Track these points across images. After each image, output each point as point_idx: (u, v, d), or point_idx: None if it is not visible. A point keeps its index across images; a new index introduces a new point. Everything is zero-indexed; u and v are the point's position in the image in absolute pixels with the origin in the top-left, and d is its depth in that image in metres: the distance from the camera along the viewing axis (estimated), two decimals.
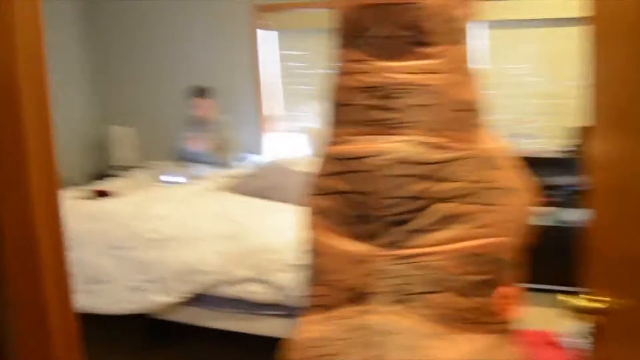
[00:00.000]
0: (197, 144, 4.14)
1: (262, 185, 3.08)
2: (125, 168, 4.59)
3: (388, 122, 1.32)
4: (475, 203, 1.31)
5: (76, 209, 2.78)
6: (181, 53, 4.77)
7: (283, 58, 4.57)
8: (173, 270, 2.50)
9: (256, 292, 2.42)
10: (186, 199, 2.97)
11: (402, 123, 1.31)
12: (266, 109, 4.61)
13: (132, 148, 4.85)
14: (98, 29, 5.01)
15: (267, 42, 4.54)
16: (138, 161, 4.75)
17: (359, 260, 1.34)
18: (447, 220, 1.30)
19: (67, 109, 4.93)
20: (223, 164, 4.09)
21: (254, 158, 4.39)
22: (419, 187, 1.30)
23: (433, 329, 1.29)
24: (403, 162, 1.29)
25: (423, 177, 1.30)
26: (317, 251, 1.45)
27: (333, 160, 1.42)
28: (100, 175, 4.51)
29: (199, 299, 2.52)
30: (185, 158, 4.21)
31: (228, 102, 4.59)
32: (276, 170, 3.34)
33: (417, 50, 1.32)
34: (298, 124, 4.46)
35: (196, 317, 2.54)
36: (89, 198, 3.04)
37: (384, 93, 1.32)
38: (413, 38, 1.32)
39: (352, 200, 1.36)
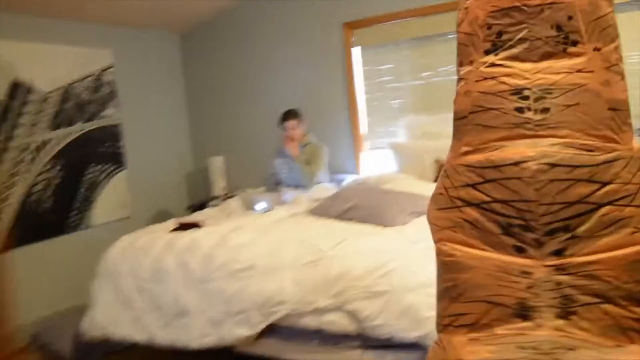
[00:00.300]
0: (288, 168, 4.11)
1: (345, 207, 2.93)
2: (224, 197, 4.68)
3: (538, 124, 1.28)
4: (638, 206, 1.25)
5: (163, 242, 2.81)
6: (274, 78, 4.82)
7: (369, 74, 4.44)
8: (253, 301, 2.42)
9: (337, 322, 2.27)
10: (269, 226, 2.89)
11: (553, 124, 1.28)
12: (361, 128, 4.49)
13: (230, 177, 4.94)
14: (194, 60, 5.22)
15: (356, 59, 4.44)
16: (235, 189, 4.83)
17: (519, 272, 1.28)
18: (611, 225, 1.25)
19: (170, 144, 5.16)
20: (314, 186, 4.02)
21: (351, 178, 4.28)
22: (581, 190, 1.24)
23: (604, 342, 1.24)
24: (560, 165, 1.25)
25: (585, 180, 1.25)
26: (462, 266, 1.37)
27: (470, 169, 1.36)
28: (201, 206, 4.63)
29: (280, 331, 2.41)
30: (276, 183, 4.19)
31: (322, 123, 4.54)
32: (359, 189, 3.19)
33: (566, 49, 1.30)
34: (387, 140, 4.28)
35: (277, 349, 2.42)
36: (178, 230, 3.08)
37: (533, 95, 1.29)
38: (561, 38, 1.30)
39: (499, 211, 1.30)
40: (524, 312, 1.28)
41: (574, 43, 1.30)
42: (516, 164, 1.27)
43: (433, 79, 4.18)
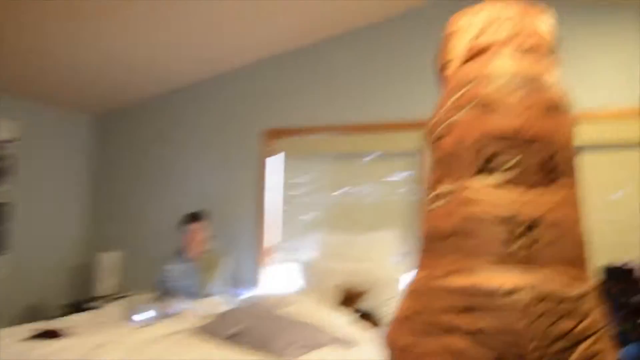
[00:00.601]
0: (181, 273, 3.78)
1: (233, 330, 2.63)
2: (107, 298, 4.22)
3: (525, 257, 1.26)
4: (603, 341, 1.28)
5: (10, 353, 2.36)
6: (185, 177, 4.59)
7: (286, 186, 4.31)
8: None
9: None
10: (142, 345, 2.52)
11: (539, 258, 1.26)
12: (267, 240, 4.27)
13: (123, 276, 4.50)
14: (105, 145, 4.92)
15: (272, 169, 4.32)
16: (123, 290, 4.38)
17: None
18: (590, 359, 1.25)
19: (63, 231, 4.70)
20: (207, 296, 3.69)
21: (249, 292, 3.98)
22: (566, 325, 1.23)
23: None
24: (548, 298, 1.23)
25: (567, 315, 1.24)
26: None
27: (452, 294, 1.29)
28: (79, 306, 4.14)
29: None
30: (167, 290, 3.82)
31: (228, 231, 4.30)
32: (251, 311, 2.91)
33: (550, 184, 1.32)
34: (295, 256, 4.08)
35: None
36: (34, 338, 2.63)
37: (519, 227, 1.28)
38: (546, 172, 1.32)
39: (489, 342, 1.24)
40: None
41: (556, 178, 1.32)
42: (507, 293, 1.23)
43: (348, 197, 4.10)
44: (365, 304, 3.46)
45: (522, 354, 1.23)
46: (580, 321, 1.26)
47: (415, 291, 1.37)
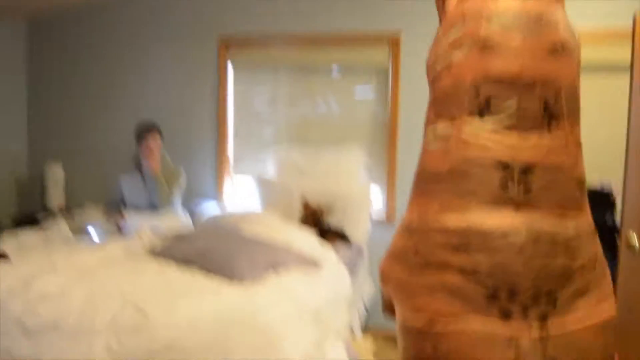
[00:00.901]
0: (137, 188, 3.57)
1: (190, 251, 2.47)
2: (56, 214, 3.99)
3: (521, 200, 1.28)
4: (596, 275, 1.34)
5: None
6: (136, 85, 4.22)
7: (241, 97, 4.02)
8: None
9: None
10: (92, 268, 2.35)
11: (535, 201, 1.29)
12: (226, 155, 4.05)
13: (69, 189, 4.24)
14: (43, 52, 4.45)
15: (229, 79, 4.01)
16: (74, 204, 4.15)
17: (505, 341, 1.26)
18: (583, 294, 1.31)
19: (3, 143, 4.35)
20: (168, 210, 3.51)
21: (211, 206, 3.81)
22: (561, 262, 1.28)
23: None
24: (543, 238, 1.27)
25: (563, 252, 1.29)
26: (441, 336, 1.30)
27: (448, 232, 1.31)
28: (32, 218, 3.91)
29: None
30: (121, 205, 3.62)
31: (184, 143, 4.05)
32: (211, 231, 2.74)
33: (549, 127, 1.31)
34: (254, 170, 3.90)
35: None
36: None
37: (516, 171, 1.29)
38: (546, 115, 1.31)
39: (483, 279, 1.27)
40: None
41: (556, 121, 1.31)
42: (503, 235, 1.27)
43: (309, 112, 3.87)
44: (330, 221, 3.35)
45: (516, 291, 1.26)
46: (575, 259, 1.30)
47: (409, 228, 1.38)
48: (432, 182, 1.37)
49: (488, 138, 1.30)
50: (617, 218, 2.79)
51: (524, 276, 1.27)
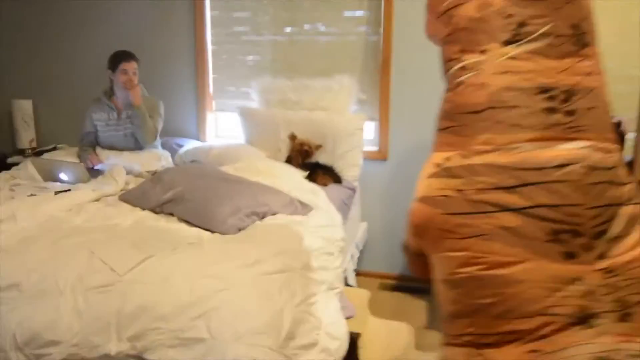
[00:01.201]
0: (113, 122, 3.29)
1: (166, 196, 2.25)
2: (27, 152, 3.74)
3: (568, 126, 1.25)
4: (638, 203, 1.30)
5: None
6: (105, 12, 3.84)
7: (218, 22, 3.67)
8: (11, 337, 1.69)
9: None
10: (54, 219, 2.13)
11: (580, 127, 1.25)
12: (207, 86, 3.75)
13: (40, 128, 3.97)
14: None
15: (206, 4, 3.65)
16: (46, 143, 3.89)
17: (572, 280, 1.22)
18: (634, 223, 1.27)
19: None
20: (152, 145, 3.27)
21: (192, 144, 3.56)
22: (613, 192, 1.25)
23: None
24: (598, 168, 1.24)
25: (613, 182, 1.26)
26: (505, 280, 1.25)
27: (499, 170, 1.24)
28: (3, 160, 3.67)
29: None
30: (95, 143, 3.36)
31: (160, 75, 3.74)
32: (190, 172, 2.51)
33: (581, 50, 1.28)
34: (237, 103, 3.62)
35: None
36: None
37: (560, 95, 1.25)
38: (577, 38, 1.28)
39: (545, 216, 1.22)
40: (584, 319, 1.23)
41: (587, 44, 1.27)
42: (560, 166, 1.22)
43: (296, 37, 3.54)
44: (320, 158, 3.12)
45: (578, 223, 1.21)
46: (622, 187, 1.27)
47: (447, 170, 1.31)
48: (468, 118, 1.30)
49: (525, 65, 1.24)
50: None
51: (584, 209, 1.22)
